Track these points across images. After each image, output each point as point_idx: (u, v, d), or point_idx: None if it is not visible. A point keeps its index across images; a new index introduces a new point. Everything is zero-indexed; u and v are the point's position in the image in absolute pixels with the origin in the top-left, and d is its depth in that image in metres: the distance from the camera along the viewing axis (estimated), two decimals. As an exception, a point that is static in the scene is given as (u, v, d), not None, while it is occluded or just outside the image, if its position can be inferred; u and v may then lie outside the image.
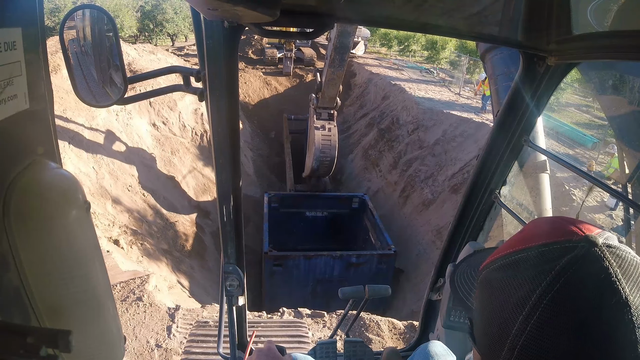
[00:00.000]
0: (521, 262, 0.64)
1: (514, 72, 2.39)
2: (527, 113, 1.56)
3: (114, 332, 0.96)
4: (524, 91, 1.52)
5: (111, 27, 1.23)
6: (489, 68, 2.62)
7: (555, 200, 8.37)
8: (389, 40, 29.64)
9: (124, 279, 6.21)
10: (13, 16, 0.69)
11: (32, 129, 0.79)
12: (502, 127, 1.64)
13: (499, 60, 2.55)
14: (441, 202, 12.68)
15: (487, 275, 0.70)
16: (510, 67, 2.45)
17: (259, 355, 1.25)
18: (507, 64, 2.49)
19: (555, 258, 0.60)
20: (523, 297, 0.60)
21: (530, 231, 0.68)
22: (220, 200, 1.62)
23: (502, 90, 2.45)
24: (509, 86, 2.38)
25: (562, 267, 0.58)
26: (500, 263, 0.68)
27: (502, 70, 2.51)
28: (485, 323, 0.67)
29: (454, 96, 19.43)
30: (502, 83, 2.48)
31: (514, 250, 0.67)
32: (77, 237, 0.82)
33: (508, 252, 0.68)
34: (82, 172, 9.77)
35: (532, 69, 1.45)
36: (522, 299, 0.60)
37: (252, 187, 15.49)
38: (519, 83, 1.51)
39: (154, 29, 32.33)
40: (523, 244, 0.66)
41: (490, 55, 2.61)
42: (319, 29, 1.19)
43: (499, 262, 0.68)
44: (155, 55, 16.21)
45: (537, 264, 0.61)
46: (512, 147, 1.67)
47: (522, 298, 0.60)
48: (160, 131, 13.82)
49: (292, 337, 5.31)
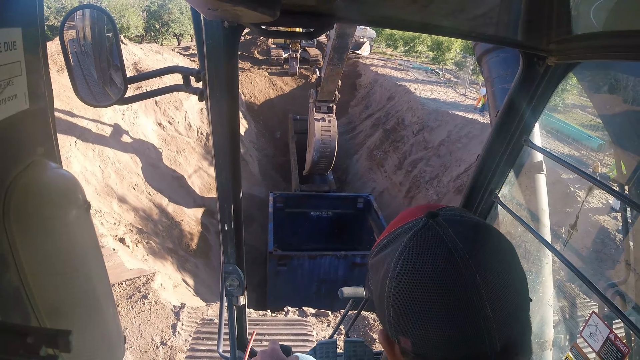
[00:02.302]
0: (387, 243, 0.80)
1: (510, 75, 2.41)
2: (527, 113, 1.55)
3: (114, 332, 0.96)
4: (523, 91, 1.51)
5: (111, 27, 1.23)
6: (486, 71, 2.65)
7: (559, 202, 8.26)
8: (394, 41, 29.59)
9: (130, 277, 6.24)
10: (13, 16, 0.70)
11: (32, 129, 0.79)
12: (502, 127, 1.63)
13: (495, 63, 2.58)
14: (446, 203, 12.63)
15: (370, 262, 0.85)
16: (507, 70, 2.48)
17: (263, 356, 1.25)
18: (503, 66, 2.52)
19: (406, 233, 0.76)
20: (386, 267, 0.75)
21: (396, 219, 0.84)
22: (220, 201, 1.62)
23: (498, 93, 2.49)
24: (505, 88, 2.40)
25: (410, 236, 0.74)
26: (376, 249, 0.83)
27: (499, 72, 2.54)
28: (375, 299, 0.80)
29: (459, 97, 19.35)
30: (498, 85, 2.51)
31: (384, 236, 0.82)
32: (77, 237, 0.82)
33: (380, 239, 0.83)
34: (88, 171, 9.83)
35: (532, 69, 1.44)
36: (386, 269, 0.75)
37: (257, 186, 15.51)
38: (519, 83, 1.50)
39: (160, 29, 32.51)
40: (390, 230, 0.82)
41: (487, 58, 2.65)
42: (319, 29, 1.18)
43: (376, 249, 0.83)
44: (161, 55, 16.27)
45: (396, 241, 0.77)
46: (512, 147, 1.66)
47: (386, 268, 0.75)
48: (166, 130, 13.88)
49: (297, 336, 5.33)
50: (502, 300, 0.69)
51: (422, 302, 0.70)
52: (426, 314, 0.70)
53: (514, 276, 0.73)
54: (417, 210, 0.82)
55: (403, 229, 0.78)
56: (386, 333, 0.81)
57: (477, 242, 0.73)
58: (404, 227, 0.78)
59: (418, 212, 0.80)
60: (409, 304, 0.71)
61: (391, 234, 0.81)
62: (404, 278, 0.72)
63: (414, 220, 0.78)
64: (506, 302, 0.69)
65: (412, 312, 0.71)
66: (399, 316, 0.73)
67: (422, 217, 0.76)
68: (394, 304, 0.73)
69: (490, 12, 1.20)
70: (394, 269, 0.73)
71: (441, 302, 0.69)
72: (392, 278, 0.73)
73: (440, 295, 0.69)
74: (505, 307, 0.69)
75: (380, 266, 0.78)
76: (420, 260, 0.72)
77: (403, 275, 0.72)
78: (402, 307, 0.72)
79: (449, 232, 0.72)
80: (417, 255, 0.72)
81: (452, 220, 0.75)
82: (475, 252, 0.70)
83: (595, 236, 9.00)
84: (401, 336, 0.74)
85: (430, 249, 0.72)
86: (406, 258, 0.73)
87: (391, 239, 0.79)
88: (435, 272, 0.70)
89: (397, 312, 0.73)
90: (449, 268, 0.69)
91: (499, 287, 0.69)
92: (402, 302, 0.72)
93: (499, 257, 0.74)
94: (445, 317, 0.68)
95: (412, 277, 0.71)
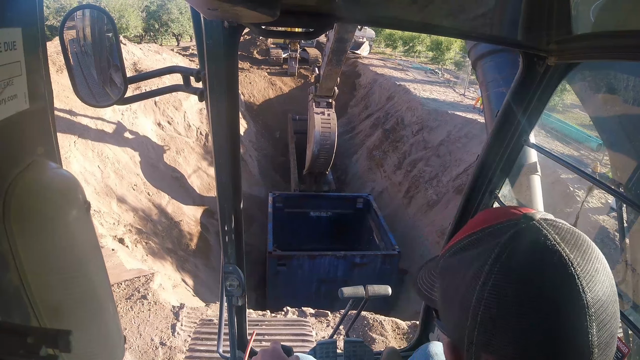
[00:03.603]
0: (471, 244, 0.71)
1: (504, 79, 2.49)
2: (527, 113, 1.56)
3: (114, 332, 0.96)
4: (523, 91, 1.51)
5: (111, 27, 1.23)
6: (480, 75, 2.72)
7: (559, 202, 8.28)
8: (393, 41, 29.58)
9: (129, 277, 6.23)
10: (13, 16, 0.69)
11: (32, 129, 0.79)
12: (502, 127, 1.64)
13: (489, 68, 2.64)
14: (445, 202, 12.64)
15: (443, 263, 0.77)
16: (501, 74, 2.54)
17: (264, 355, 1.25)
18: (497, 70, 2.57)
19: (500, 234, 0.67)
20: (477, 269, 0.66)
21: (476, 220, 0.75)
22: (220, 201, 1.62)
23: (493, 96, 2.54)
24: (499, 92, 2.46)
25: (508, 238, 0.66)
26: (453, 249, 0.75)
27: (493, 76, 2.59)
28: (448, 305, 0.73)
29: (458, 97, 19.35)
30: (493, 89, 2.56)
31: (464, 236, 0.74)
32: (77, 237, 0.82)
33: (458, 240, 0.75)
34: (87, 171, 9.82)
35: (532, 69, 1.45)
36: (476, 272, 0.66)
37: (257, 187, 15.50)
38: (519, 83, 1.51)
39: (159, 29, 32.48)
40: (471, 230, 0.73)
41: (481, 63, 2.70)
42: (319, 29, 1.19)
43: (452, 249, 0.75)
44: (160, 55, 16.26)
45: (486, 242, 0.68)
46: (512, 147, 1.67)
47: (476, 271, 0.66)
48: (166, 130, 13.87)
49: (296, 336, 5.33)
50: (605, 322, 0.62)
51: (527, 318, 0.61)
52: (527, 333, 0.61)
53: (614, 295, 0.65)
54: (503, 211, 0.72)
55: (493, 229, 0.69)
56: (455, 345, 0.71)
57: (585, 251, 0.65)
58: (494, 227, 0.69)
59: (505, 214, 0.71)
60: (507, 318, 0.62)
61: (473, 234, 0.72)
62: (504, 285, 0.63)
63: (508, 220, 0.69)
64: (609, 325, 0.62)
65: (509, 328, 0.62)
66: (490, 330, 0.64)
67: (521, 218, 0.68)
68: (485, 314, 0.64)
69: (490, 12, 1.20)
70: (488, 272, 0.64)
71: (548, 322, 0.60)
72: (485, 283, 0.64)
73: (547, 314, 0.60)
74: (606, 331, 0.62)
75: (463, 268, 0.69)
76: (526, 267, 0.63)
77: (503, 282, 0.63)
78: (495, 321, 0.63)
79: (555, 238, 0.64)
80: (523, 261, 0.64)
81: (553, 225, 0.67)
82: (584, 264, 0.63)
83: (594, 236, 9.00)
84: (483, 353, 0.65)
85: (535, 253, 0.64)
86: (506, 263, 0.64)
87: (475, 240, 0.71)
88: (545, 284, 0.61)
89: (487, 324, 0.64)
90: (559, 280, 0.61)
91: (604, 306, 0.62)
92: (498, 315, 0.63)
93: (604, 268, 0.65)
94: (550, 339, 0.60)
95: (516, 287, 0.62)
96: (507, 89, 2.46)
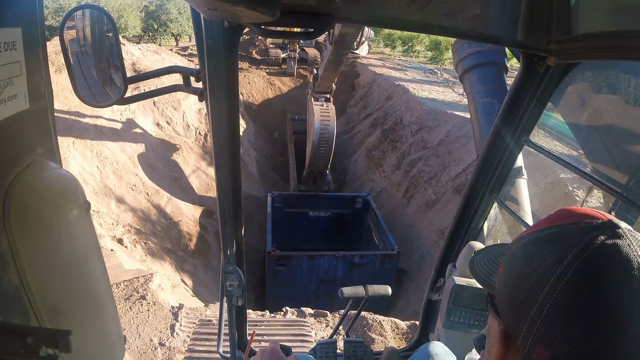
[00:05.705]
0: (552, 235, 0.70)
1: (489, 90, 2.61)
2: (527, 113, 1.56)
3: (114, 332, 0.96)
4: (523, 91, 1.51)
5: (111, 27, 1.23)
6: (467, 87, 2.85)
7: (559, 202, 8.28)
8: (392, 41, 29.59)
9: (128, 278, 6.22)
10: (13, 16, 0.70)
11: (32, 129, 0.79)
12: (502, 127, 1.64)
13: (476, 80, 2.75)
14: (444, 202, 12.64)
15: (517, 249, 0.75)
16: (486, 86, 2.64)
17: (263, 355, 1.25)
18: (482, 82, 2.68)
19: (585, 232, 0.66)
20: (554, 261, 0.65)
21: (559, 214, 0.74)
22: (221, 201, 1.62)
23: (480, 107, 2.64)
24: (486, 102, 2.55)
25: (591, 238, 0.64)
26: (530, 238, 0.73)
27: (479, 88, 2.68)
28: (511, 291, 0.71)
29: (457, 97, 19.34)
30: (479, 100, 2.65)
31: (544, 227, 0.72)
32: (77, 237, 0.82)
33: (538, 229, 0.73)
34: (86, 171, 9.81)
35: (532, 69, 1.45)
36: (553, 264, 0.65)
37: (256, 187, 15.49)
38: (519, 83, 1.51)
39: (158, 29, 32.45)
40: (552, 223, 0.72)
41: (467, 76, 2.82)
42: (319, 29, 1.19)
43: (529, 237, 0.73)
44: (159, 55, 16.24)
45: (568, 237, 0.67)
46: (512, 147, 1.67)
47: (553, 262, 0.65)
48: (164, 131, 13.86)
49: (295, 336, 5.33)
50: None
51: (595, 320, 0.60)
52: (591, 336, 0.61)
53: None
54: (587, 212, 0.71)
55: (577, 226, 0.68)
56: (509, 333, 0.71)
57: None
58: (579, 224, 0.68)
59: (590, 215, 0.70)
60: (575, 315, 0.62)
61: (554, 227, 0.71)
62: (580, 283, 0.62)
63: (594, 220, 0.68)
64: None
65: (574, 326, 0.62)
66: (555, 323, 0.63)
67: (607, 223, 0.67)
68: (553, 307, 0.63)
69: (490, 12, 1.20)
70: (567, 267, 0.63)
71: (616, 332, 0.60)
72: (560, 277, 0.63)
73: (617, 324, 0.60)
74: None
75: (538, 257, 0.68)
76: (606, 271, 0.63)
77: (579, 280, 0.62)
78: (563, 315, 0.63)
79: (637, 250, 0.63)
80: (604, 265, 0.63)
81: (637, 238, 0.66)
82: None
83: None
84: (539, 345, 0.65)
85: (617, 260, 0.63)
86: (587, 261, 0.63)
87: (557, 233, 0.69)
88: (621, 294, 0.61)
89: (553, 318, 0.63)
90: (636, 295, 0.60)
91: None
92: (568, 310, 0.62)
93: None
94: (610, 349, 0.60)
95: (592, 288, 0.62)
96: (492, 99, 2.58)
